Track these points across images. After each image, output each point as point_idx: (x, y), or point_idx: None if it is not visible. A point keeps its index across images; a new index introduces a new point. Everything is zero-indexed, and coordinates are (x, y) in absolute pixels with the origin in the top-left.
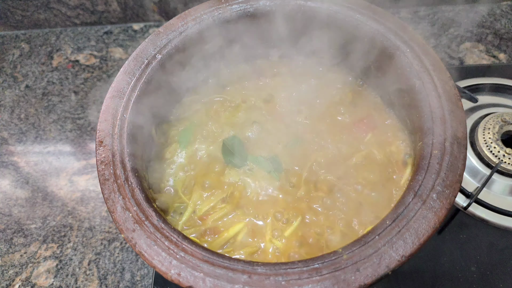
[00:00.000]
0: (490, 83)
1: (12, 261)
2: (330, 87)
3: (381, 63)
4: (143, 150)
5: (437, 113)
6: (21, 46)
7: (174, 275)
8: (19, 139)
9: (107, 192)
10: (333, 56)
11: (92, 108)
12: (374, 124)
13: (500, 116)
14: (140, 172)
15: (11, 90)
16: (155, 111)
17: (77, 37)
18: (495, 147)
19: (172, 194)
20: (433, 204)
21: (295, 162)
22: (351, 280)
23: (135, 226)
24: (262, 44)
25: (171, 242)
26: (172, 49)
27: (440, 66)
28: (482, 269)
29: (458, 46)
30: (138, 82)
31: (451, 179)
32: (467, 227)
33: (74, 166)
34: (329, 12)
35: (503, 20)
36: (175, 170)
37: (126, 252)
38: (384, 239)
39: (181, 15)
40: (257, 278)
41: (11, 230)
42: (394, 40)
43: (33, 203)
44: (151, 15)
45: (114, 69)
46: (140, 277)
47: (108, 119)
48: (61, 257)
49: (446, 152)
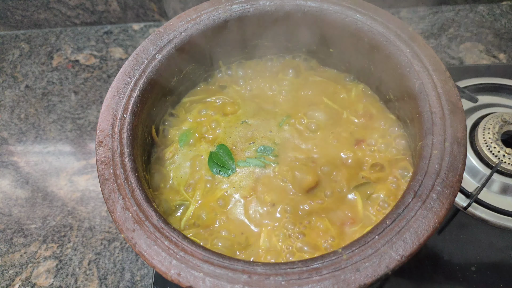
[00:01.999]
0: (490, 83)
1: (12, 261)
2: (325, 83)
3: (380, 63)
4: (143, 150)
5: (437, 113)
6: (21, 46)
7: (174, 275)
8: (19, 139)
9: (107, 192)
10: (332, 55)
11: (92, 108)
12: (372, 123)
13: (500, 116)
14: (140, 172)
15: (11, 90)
16: (155, 111)
17: (77, 37)
18: (495, 147)
19: (173, 193)
20: (433, 204)
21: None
22: (351, 280)
23: (135, 226)
24: (262, 44)
25: (171, 242)
26: (172, 49)
27: (440, 66)
28: (482, 269)
29: (458, 46)
30: (138, 82)
31: (451, 179)
32: (467, 227)
33: (74, 166)
34: (329, 12)
35: (503, 20)
36: (175, 170)
37: (126, 252)
38: (384, 239)
39: (181, 15)
40: (257, 278)
41: (11, 230)
42: (394, 40)
43: (33, 203)
44: (151, 15)
45: (114, 69)
46: (140, 277)
47: (108, 119)
48: (61, 257)
49: (446, 152)
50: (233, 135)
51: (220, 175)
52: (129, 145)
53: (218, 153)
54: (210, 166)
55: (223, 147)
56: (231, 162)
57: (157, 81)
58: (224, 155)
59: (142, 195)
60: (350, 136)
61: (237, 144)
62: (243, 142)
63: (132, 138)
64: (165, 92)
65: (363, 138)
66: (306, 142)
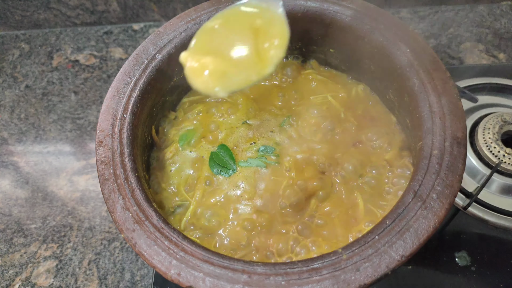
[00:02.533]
0: (490, 83)
1: (12, 261)
2: (325, 83)
3: (380, 63)
4: (143, 150)
5: (437, 113)
6: (21, 46)
7: (174, 275)
8: (19, 139)
9: (107, 192)
10: (332, 55)
11: (92, 108)
12: (372, 123)
13: (500, 116)
14: (140, 172)
15: (11, 90)
16: (155, 111)
17: (77, 37)
18: (495, 147)
19: (173, 193)
20: (433, 204)
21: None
22: (351, 280)
23: (135, 226)
24: None
25: (171, 242)
26: (172, 49)
27: (440, 66)
28: (482, 269)
29: (458, 46)
30: (138, 82)
31: (451, 179)
32: (467, 227)
33: (74, 166)
34: (329, 11)
35: (503, 20)
36: (176, 170)
37: (126, 252)
38: (384, 239)
39: (181, 15)
40: (257, 278)
41: (11, 230)
42: (394, 40)
43: (33, 203)
44: (151, 15)
45: (114, 69)
46: (140, 277)
47: (108, 119)
48: (61, 257)
49: (446, 152)
50: (234, 135)
51: (221, 175)
52: (129, 145)
53: (219, 153)
54: (211, 166)
55: (224, 147)
56: (232, 162)
57: (157, 81)
58: (225, 155)
59: (142, 195)
60: (349, 136)
61: (238, 144)
62: (244, 142)
63: (132, 138)
64: (165, 92)
65: (363, 138)
66: (307, 142)
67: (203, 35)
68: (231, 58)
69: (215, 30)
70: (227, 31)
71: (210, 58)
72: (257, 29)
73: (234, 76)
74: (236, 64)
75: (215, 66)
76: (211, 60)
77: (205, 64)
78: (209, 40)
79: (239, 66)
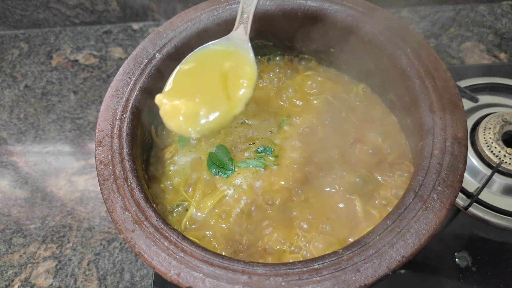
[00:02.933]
0: (490, 82)
1: (11, 262)
2: (325, 83)
3: (381, 62)
4: (142, 150)
5: (437, 113)
6: (20, 45)
7: (173, 276)
8: (18, 139)
9: (106, 192)
10: (332, 55)
11: (92, 108)
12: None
13: (500, 116)
14: (139, 172)
15: (10, 90)
16: (154, 111)
17: (76, 36)
18: (495, 147)
19: (173, 193)
20: (433, 204)
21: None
22: (352, 280)
23: (134, 226)
24: (262, 43)
25: (170, 242)
26: (171, 49)
27: (440, 65)
28: (482, 269)
29: (459, 45)
30: (138, 82)
31: (451, 179)
32: (468, 227)
33: (74, 166)
34: (329, 11)
35: (504, 20)
36: (175, 170)
37: (125, 252)
38: (385, 239)
39: (180, 15)
40: (257, 278)
41: (10, 230)
42: (395, 40)
43: (32, 203)
44: (150, 15)
45: (113, 68)
46: (140, 278)
47: (108, 119)
48: (60, 257)
49: (446, 152)
50: (232, 136)
51: (219, 176)
52: (128, 145)
53: (217, 153)
54: (209, 167)
55: (222, 147)
56: (230, 163)
57: (156, 80)
58: (223, 156)
59: (142, 195)
60: (349, 136)
61: (236, 144)
62: (243, 142)
63: (131, 138)
64: None
65: (363, 138)
66: (306, 142)
67: (177, 78)
68: (203, 100)
69: (188, 73)
70: (199, 74)
71: (183, 101)
72: (226, 72)
73: (205, 117)
74: (207, 106)
75: (188, 109)
76: (183, 103)
77: (178, 107)
78: (182, 83)
79: (210, 108)
